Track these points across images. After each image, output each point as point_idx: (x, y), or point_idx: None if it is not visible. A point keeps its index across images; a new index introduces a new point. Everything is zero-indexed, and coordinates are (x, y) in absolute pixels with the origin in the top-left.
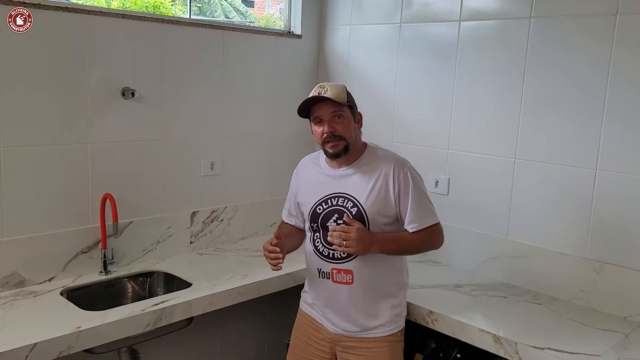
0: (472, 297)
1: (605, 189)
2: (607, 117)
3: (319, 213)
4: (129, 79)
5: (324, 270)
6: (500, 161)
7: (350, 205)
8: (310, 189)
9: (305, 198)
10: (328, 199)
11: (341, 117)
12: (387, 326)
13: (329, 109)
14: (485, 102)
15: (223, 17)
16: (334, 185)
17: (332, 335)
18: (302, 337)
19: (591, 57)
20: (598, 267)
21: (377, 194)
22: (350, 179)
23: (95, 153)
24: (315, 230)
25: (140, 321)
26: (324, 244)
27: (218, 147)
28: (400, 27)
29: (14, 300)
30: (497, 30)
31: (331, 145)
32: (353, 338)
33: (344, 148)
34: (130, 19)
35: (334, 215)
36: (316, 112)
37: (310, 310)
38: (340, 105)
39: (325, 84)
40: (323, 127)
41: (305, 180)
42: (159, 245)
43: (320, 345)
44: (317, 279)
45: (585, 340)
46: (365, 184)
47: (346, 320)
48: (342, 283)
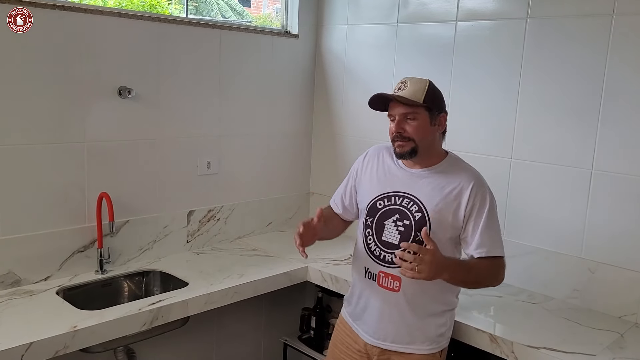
0: (468, 297)
1: (600, 188)
2: (603, 117)
3: (379, 208)
4: (126, 77)
5: (372, 271)
6: (496, 161)
7: (415, 209)
8: (374, 179)
9: (367, 188)
10: (392, 196)
11: (414, 119)
12: (427, 345)
13: (400, 109)
14: (482, 102)
15: (220, 16)
16: (402, 183)
17: (369, 347)
18: (340, 345)
19: (587, 58)
20: (593, 267)
21: (447, 205)
22: (421, 182)
23: (92, 152)
24: (369, 226)
25: (136, 320)
26: (377, 242)
27: (215, 146)
28: (397, 27)
29: (10, 299)
30: (494, 31)
31: (397, 145)
32: (389, 351)
33: (411, 150)
34: (126, 17)
35: (394, 214)
36: (390, 109)
37: (349, 320)
38: (414, 105)
39: (409, 78)
40: (393, 125)
41: (372, 168)
42: (155, 244)
43: (358, 356)
44: (362, 279)
45: (581, 340)
46: (438, 191)
47: (384, 329)
48: (388, 289)
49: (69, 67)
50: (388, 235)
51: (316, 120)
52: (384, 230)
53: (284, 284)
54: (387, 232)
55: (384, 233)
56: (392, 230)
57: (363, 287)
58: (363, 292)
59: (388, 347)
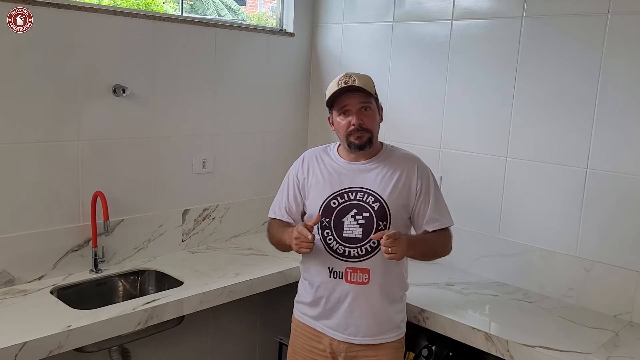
0: (464, 296)
1: (596, 187)
2: (598, 116)
3: (334, 207)
4: (120, 76)
5: (337, 269)
6: (491, 160)
7: (371, 201)
8: (321, 181)
9: (315, 191)
10: (344, 192)
11: (368, 109)
12: (395, 331)
13: (357, 100)
14: (477, 101)
15: (215, 14)
16: (351, 179)
17: (335, 345)
18: (301, 351)
19: (582, 57)
20: (588, 266)
21: (400, 190)
22: (369, 174)
23: (86, 150)
24: (327, 226)
25: (131, 320)
26: (337, 240)
27: (210, 145)
28: (393, 25)
29: (3, 298)
30: (489, 30)
31: (356, 137)
32: (359, 345)
33: (368, 140)
34: (121, 15)
35: (351, 210)
36: (343, 102)
37: (309, 320)
38: (369, 96)
39: (352, 73)
40: (350, 119)
41: (315, 171)
42: (150, 243)
43: (322, 357)
44: (326, 280)
45: (576, 338)
46: (388, 179)
47: (356, 324)
48: (357, 283)
49: (62, 65)
50: (349, 230)
51: (312, 119)
52: (343, 227)
53: (280, 282)
54: (347, 228)
55: (344, 230)
56: (352, 225)
57: (329, 288)
58: (331, 293)
59: (359, 341)
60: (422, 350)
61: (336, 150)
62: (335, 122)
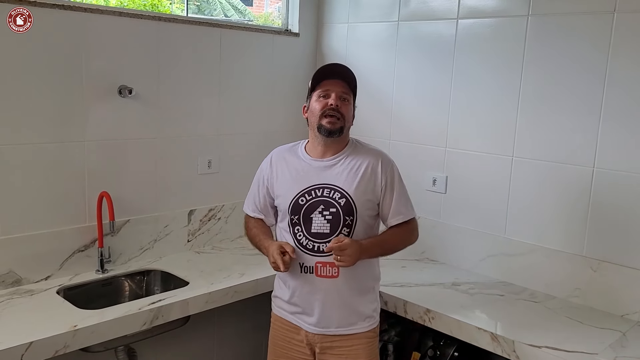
0: (469, 296)
1: (602, 187)
2: (604, 115)
3: (302, 205)
4: (126, 76)
5: (307, 264)
6: (497, 159)
7: (337, 196)
8: (289, 180)
9: (284, 190)
10: (312, 190)
11: (347, 100)
12: (368, 321)
13: (340, 87)
14: (483, 100)
15: (222, 15)
16: (317, 176)
17: (310, 337)
18: (282, 342)
19: (589, 55)
20: (595, 265)
21: (365, 185)
22: (335, 170)
23: (92, 151)
24: (296, 223)
25: (137, 320)
26: (307, 236)
27: (215, 145)
28: (398, 25)
29: (10, 299)
30: (495, 28)
31: (329, 121)
32: (333, 336)
33: (340, 128)
34: (127, 16)
35: (319, 206)
36: (327, 85)
37: (286, 314)
38: (351, 89)
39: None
40: (328, 100)
41: (283, 171)
42: (156, 243)
43: (301, 348)
44: (297, 275)
45: (583, 339)
46: (353, 174)
47: (328, 317)
48: (327, 277)
49: (69, 66)
50: (317, 226)
51: None
52: (312, 223)
53: None
54: (315, 224)
55: (312, 226)
56: (320, 221)
57: (301, 283)
58: (302, 288)
59: (333, 332)
60: (428, 350)
61: (304, 147)
62: (312, 105)
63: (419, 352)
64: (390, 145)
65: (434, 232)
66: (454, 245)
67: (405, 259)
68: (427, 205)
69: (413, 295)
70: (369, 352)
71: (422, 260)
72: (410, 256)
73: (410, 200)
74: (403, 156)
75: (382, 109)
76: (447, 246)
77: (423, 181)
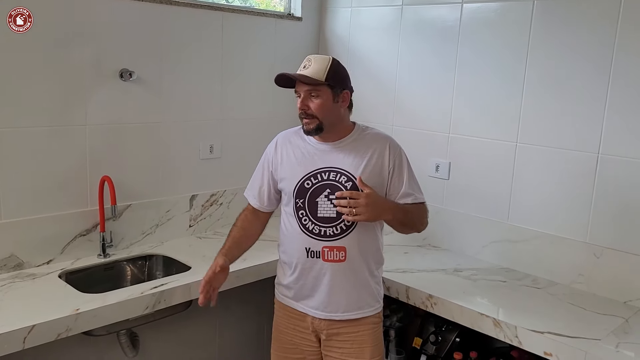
0: (472, 282)
1: (607, 173)
2: (610, 101)
3: (307, 188)
4: (127, 60)
5: (314, 249)
6: (501, 145)
7: (344, 180)
8: (294, 163)
9: (289, 174)
10: (317, 173)
11: (317, 96)
12: (373, 305)
13: (304, 87)
14: (487, 86)
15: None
16: (323, 159)
17: (316, 323)
18: (287, 330)
19: (595, 40)
20: (598, 252)
21: (372, 169)
22: (341, 154)
23: (93, 135)
24: (301, 207)
25: (139, 304)
26: (313, 220)
27: (217, 130)
28: (402, 9)
29: (12, 282)
30: (500, 13)
31: (305, 122)
32: (339, 322)
33: (317, 127)
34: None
35: (325, 190)
36: (296, 86)
37: (291, 301)
38: (317, 83)
39: (313, 57)
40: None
41: (288, 154)
42: (157, 228)
43: (306, 334)
44: (303, 260)
45: (585, 325)
46: (360, 158)
47: (335, 301)
48: (334, 261)
49: (69, 49)
50: (323, 210)
51: None
52: (317, 207)
53: None
54: (321, 208)
55: (318, 210)
56: (326, 205)
57: (307, 268)
58: (307, 272)
59: (339, 317)
60: (430, 336)
61: None
62: None
63: (420, 338)
64: (393, 131)
65: (437, 219)
66: (456, 231)
67: (408, 245)
68: (430, 192)
69: (415, 281)
70: (374, 338)
71: (424, 246)
72: (413, 242)
73: (419, 186)
74: (406, 142)
75: (385, 95)
76: (449, 233)
77: (426, 167)
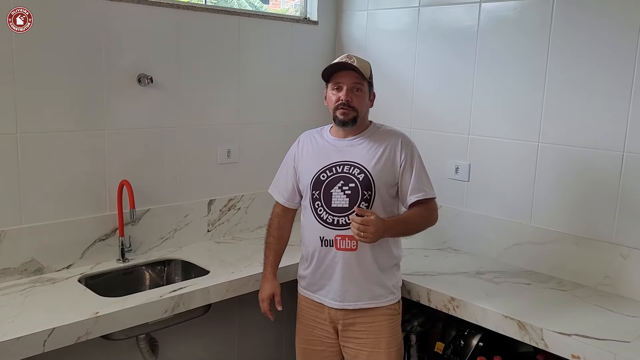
0: (495, 284)
1: (632, 171)
2: (635, 97)
3: (323, 180)
4: (145, 65)
5: (328, 238)
6: (523, 145)
7: (357, 172)
8: (313, 158)
9: (307, 167)
10: (333, 166)
11: (360, 90)
12: (388, 296)
13: (352, 79)
14: (507, 86)
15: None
16: (339, 154)
17: (333, 314)
18: (307, 322)
19: (617, 36)
20: (625, 253)
21: (384, 162)
22: (356, 149)
23: (112, 140)
24: (317, 198)
25: (158, 307)
26: (327, 210)
27: (234, 134)
28: (419, 10)
29: (33, 286)
30: (519, 11)
31: (342, 112)
32: (354, 311)
33: (353, 118)
34: (145, 4)
35: (339, 182)
36: (338, 78)
37: (310, 293)
38: (363, 78)
39: (354, 55)
40: (340, 94)
41: (308, 150)
42: (176, 233)
43: (325, 326)
44: (318, 249)
45: (613, 327)
46: (373, 152)
47: (348, 290)
48: (347, 250)
49: (89, 54)
50: (337, 201)
51: None
52: (332, 198)
53: None
54: (335, 199)
55: (332, 200)
56: (339, 196)
57: (321, 256)
58: (322, 261)
59: (353, 306)
60: (452, 340)
61: (328, 130)
62: (328, 95)
63: (442, 343)
64: (412, 134)
65: (457, 221)
66: (477, 234)
67: (428, 249)
68: (449, 194)
69: (437, 284)
70: (389, 329)
71: (444, 249)
72: (433, 245)
73: (430, 181)
74: (425, 144)
75: (403, 97)
76: (470, 235)
77: (445, 169)
